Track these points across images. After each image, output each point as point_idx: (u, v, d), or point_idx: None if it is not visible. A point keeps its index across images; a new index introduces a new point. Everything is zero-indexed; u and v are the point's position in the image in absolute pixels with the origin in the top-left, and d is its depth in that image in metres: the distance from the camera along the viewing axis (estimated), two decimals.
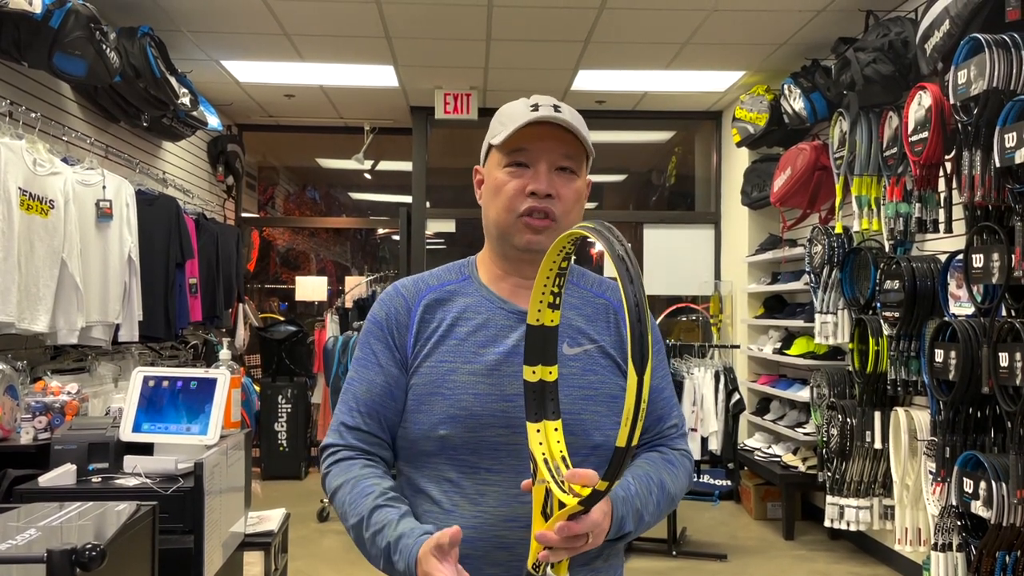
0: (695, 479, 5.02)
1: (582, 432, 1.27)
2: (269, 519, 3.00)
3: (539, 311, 1.16)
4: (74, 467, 2.36)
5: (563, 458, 1.13)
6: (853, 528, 4.32)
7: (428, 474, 1.31)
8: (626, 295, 0.94)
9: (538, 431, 1.15)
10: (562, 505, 1.05)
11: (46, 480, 2.29)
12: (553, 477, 1.09)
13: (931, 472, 3.43)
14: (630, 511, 1.22)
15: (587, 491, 1.03)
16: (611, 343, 1.36)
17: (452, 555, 1.12)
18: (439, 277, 1.40)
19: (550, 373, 1.18)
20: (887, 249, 4.06)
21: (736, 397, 4.99)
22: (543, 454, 1.13)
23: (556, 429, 1.16)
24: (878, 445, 4.09)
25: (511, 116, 1.31)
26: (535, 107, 1.29)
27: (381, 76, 5.94)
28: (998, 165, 2.90)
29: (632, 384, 0.92)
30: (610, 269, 1.10)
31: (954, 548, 3.27)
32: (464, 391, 1.28)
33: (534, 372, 1.17)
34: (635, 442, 0.94)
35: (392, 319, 1.36)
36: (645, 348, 0.92)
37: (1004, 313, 3.01)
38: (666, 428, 1.40)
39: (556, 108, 1.30)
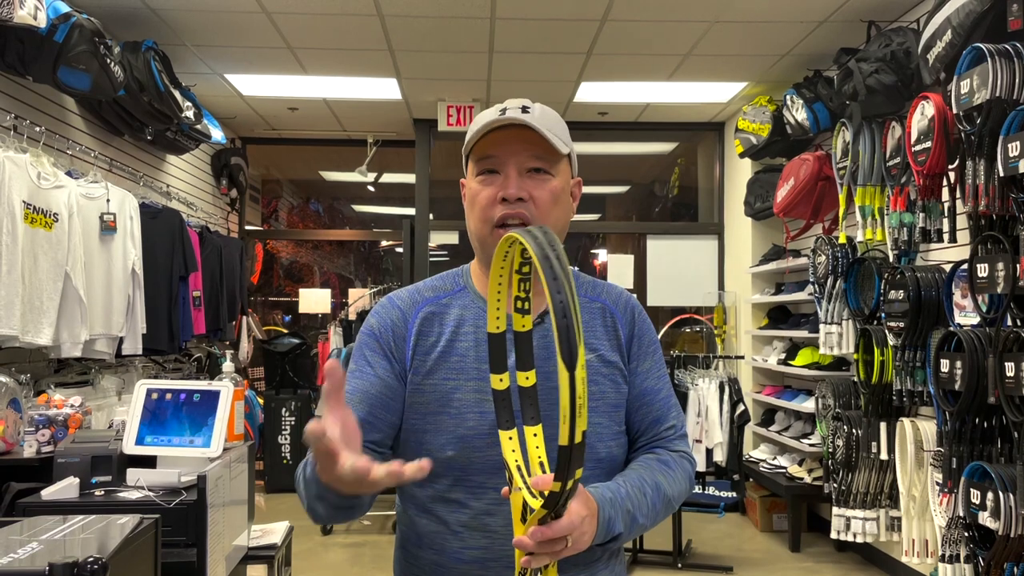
0: (700, 491, 5.01)
1: (587, 446, 1.25)
2: (272, 532, 2.99)
3: (497, 319, 1.14)
4: (77, 480, 2.36)
5: (540, 464, 1.11)
6: (860, 540, 4.28)
7: (434, 495, 1.28)
8: (550, 293, 0.90)
9: (510, 438, 1.13)
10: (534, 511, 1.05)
11: (49, 493, 2.29)
12: (526, 483, 1.07)
13: (938, 483, 3.40)
14: (619, 513, 1.18)
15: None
16: (610, 348, 1.34)
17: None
18: (434, 288, 1.38)
19: (527, 379, 1.14)
20: (891, 259, 4.05)
21: (741, 408, 4.98)
22: (515, 461, 1.11)
23: (535, 435, 1.13)
24: (884, 456, 4.07)
25: (478, 123, 1.28)
26: (504, 111, 1.26)
27: (384, 89, 5.96)
28: (1002, 174, 2.90)
29: (565, 381, 0.90)
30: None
31: (962, 559, 3.25)
32: (469, 410, 1.26)
33: (501, 380, 1.15)
34: (577, 440, 0.91)
35: (388, 329, 1.33)
36: (573, 345, 0.90)
37: (1009, 323, 3.00)
38: (663, 430, 1.37)
39: (525, 109, 1.26)
